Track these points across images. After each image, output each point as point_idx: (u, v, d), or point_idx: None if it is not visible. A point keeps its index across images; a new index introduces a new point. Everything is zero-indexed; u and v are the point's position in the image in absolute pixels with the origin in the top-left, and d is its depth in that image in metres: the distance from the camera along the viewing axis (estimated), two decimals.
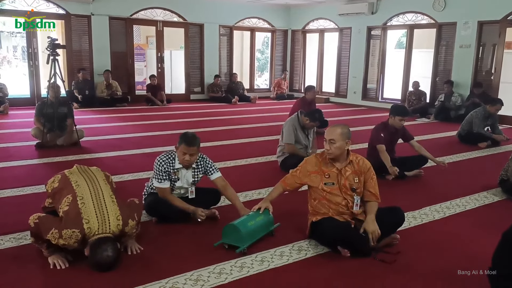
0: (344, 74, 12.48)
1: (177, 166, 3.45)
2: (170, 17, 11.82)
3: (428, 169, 5.19)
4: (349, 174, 3.14)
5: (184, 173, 3.51)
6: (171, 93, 12.36)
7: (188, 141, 3.34)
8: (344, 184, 3.13)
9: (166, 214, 3.48)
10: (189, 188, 3.57)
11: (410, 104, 10.14)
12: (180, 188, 3.56)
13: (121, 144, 6.41)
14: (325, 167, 3.17)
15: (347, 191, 3.13)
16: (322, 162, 3.18)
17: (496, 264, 2.51)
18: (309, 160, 3.25)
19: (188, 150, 3.34)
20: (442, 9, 9.88)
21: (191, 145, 3.34)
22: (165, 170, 3.42)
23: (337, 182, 3.13)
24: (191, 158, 3.38)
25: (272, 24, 13.62)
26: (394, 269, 2.85)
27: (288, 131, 5.06)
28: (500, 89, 9.06)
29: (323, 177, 3.15)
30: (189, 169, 3.52)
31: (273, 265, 2.86)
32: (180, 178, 3.49)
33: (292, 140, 5.04)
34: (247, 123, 8.74)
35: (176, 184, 3.51)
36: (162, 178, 3.42)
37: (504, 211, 3.99)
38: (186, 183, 3.54)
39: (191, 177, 3.55)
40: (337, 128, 3.18)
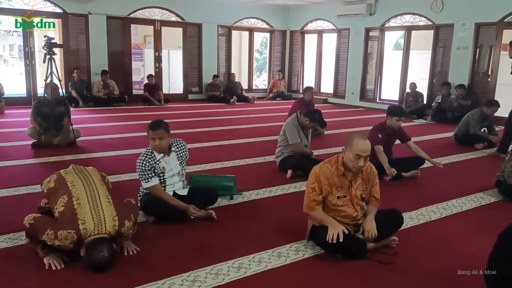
0: (342, 75, 12.49)
1: (158, 157, 3.48)
2: (168, 17, 11.81)
3: (425, 170, 5.20)
4: (359, 184, 3.09)
5: (168, 160, 3.52)
6: (169, 92, 12.34)
7: (152, 126, 3.41)
8: (355, 195, 3.08)
9: (162, 213, 3.47)
10: (180, 171, 3.60)
11: (407, 105, 10.16)
12: (172, 177, 3.56)
13: (118, 144, 6.40)
14: (337, 179, 3.02)
15: (359, 202, 3.11)
16: (334, 174, 3.02)
17: (492, 265, 2.51)
18: (322, 172, 3.01)
19: (155, 134, 3.39)
20: (440, 10, 9.90)
21: (156, 128, 3.39)
22: (149, 167, 3.42)
23: (349, 193, 3.08)
24: (161, 142, 3.41)
25: (271, 25, 13.62)
26: (391, 269, 2.85)
27: (291, 131, 5.05)
28: (497, 91, 9.08)
29: (335, 190, 3.03)
30: (171, 154, 3.54)
31: (270, 266, 2.85)
32: (165, 166, 3.50)
33: (297, 139, 5.04)
34: (245, 123, 8.74)
35: (166, 174, 3.51)
36: (149, 176, 3.43)
37: (500, 212, 4.00)
38: (175, 168, 3.55)
39: (177, 159, 3.57)
40: (367, 141, 2.95)
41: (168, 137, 3.49)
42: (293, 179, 4.82)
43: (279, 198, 4.27)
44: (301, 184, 4.68)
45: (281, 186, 4.58)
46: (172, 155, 3.57)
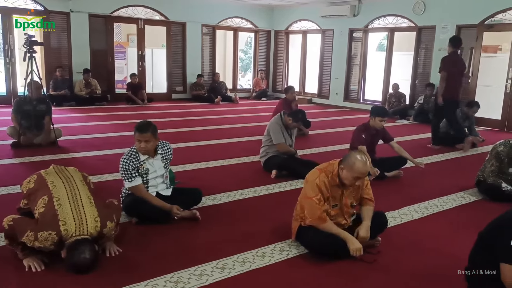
0: (326, 75, 12.55)
1: (143, 158, 3.45)
2: (151, 15, 11.70)
3: (408, 170, 5.26)
4: (350, 192, 3.09)
5: (152, 162, 3.50)
6: (152, 92, 12.22)
7: (140, 128, 3.36)
8: (346, 203, 3.09)
9: (145, 214, 3.44)
10: (164, 174, 3.58)
11: (390, 106, 10.27)
12: (155, 178, 3.53)
13: (100, 144, 6.32)
14: (332, 189, 3.00)
15: (348, 210, 3.12)
16: (329, 184, 2.97)
17: (472, 263, 2.55)
18: (322, 182, 2.94)
19: (142, 137, 3.35)
20: (422, 12, 10.02)
21: (143, 131, 3.34)
22: (132, 167, 3.39)
23: (340, 202, 3.08)
24: (147, 145, 3.37)
25: (255, 24, 13.62)
26: (375, 269, 2.87)
27: (275, 131, 5.04)
28: (477, 92, 9.23)
29: (330, 200, 3.02)
30: (156, 156, 3.52)
31: (254, 266, 2.85)
32: (149, 168, 3.48)
33: (281, 139, 5.03)
34: (229, 123, 8.72)
35: (149, 176, 3.48)
36: (132, 176, 3.40)
37: (480, 211, 4.06)
38: (159, 170, 3.53)
39: (161, 162, 3.55)
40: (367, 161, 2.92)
41: (155, 141, 3.44)
42: (278, 179, 4.83)
43: (263, 198, 4.27)
44: (285, 184, 4.68)
45: (265, 186, 4.58)
46: (157, 157, 3.54)
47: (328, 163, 3.08)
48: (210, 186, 4.43)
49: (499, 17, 8.86)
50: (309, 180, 3.03)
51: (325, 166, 3.07)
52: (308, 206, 2.98)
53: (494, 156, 4.37)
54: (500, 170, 4.35)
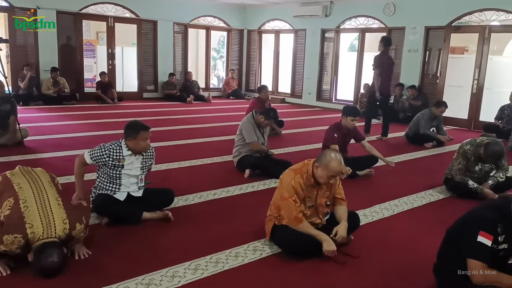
0: (299, 75, 12.64)
1: (126, 153, 3.43)
2: (122, 13, 11.50)
3: (378, 169, 5.34)
4: (324, 191, 3.11)
5: (133, 160, 3.47)
6: (123, 91, 12.00)
7: (146, 126, 3.44)
8: (320, 203, 3.11)
9: (116, 214, 3.38)
10: (140, 176, 3.53)
11: (361, 106, 10.41)
12: (128, 177, 3.48)
13: (69, 144, 6.16)
14: (307, 189, 3.01)
15: (323, 209, 3.14)
16: (305, 185, 2.99)
17: (441, 259, 2.61)
18: (297, 183, 2.95)
19: (147, 134, 3.42)
20: (392, 14, 10.21)
21: (148, 128, 3.43)
22: (107, 154, 3.38)
23: (315, 202, 3.10)
24: (149, 142, 3.47)
25: (228, 23, 13.57)
26: (346, 266, 2.90)
27: (248, 130, 5.03)
28: (445, 92, 9.48)
29: (306, 200, 3.04)
30: (138, 156, 3.49)
31: (228, 266, 2.83)
32: (126, 165, 3.44)
33: (254, 138, 5.02)
34: (202, 122, 8.66)
35: (123, 171, 3.44)
36: (95, 157, 3.40)
37: (448, 208, 4.17)
38: (135, 170, 3.49)
39: (140, 163, 3.52)
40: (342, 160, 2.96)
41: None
42: (251, 179, 4.82)
43: (237, 198, 4.25)
44: (259, 183, 4.68)
45: (238, 186, 4.56)
46: (138, 157, 3.51)
47: (302, 164, 3.09)
48: (182, 186, 4.38)
49: (465, 19, 9.12)
50: (284, 181, 3.03)
51: (299, 166, 3.07)
52: (285, 207, 2.99)
53: (461, 154, 4.48)
54: (467, 168, 4.47)
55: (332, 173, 2.93)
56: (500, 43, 10.26)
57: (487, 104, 8.96)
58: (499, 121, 8.11)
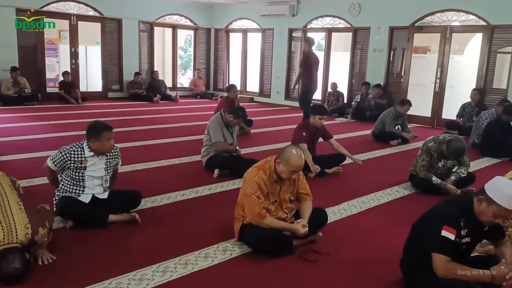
0: (267, 74, 12.66)
1: (88, 154, 3.36)
2: (85, 11, 11.19)
3: (346, 166, 5.42)
4: (287, 187, 3.13)
5: (95, 161, 3.39)
6: (87, 90, 11.70)
7: (109, 126, 3.39)
8: (284, 198, 3.12)
9: (81, 217, 3.28)
10: (104, 177, 3.46)
11: (329, 104, 10.56)
12: (92, 179, 3.39)
13: (31, 146, 5.95)
14: (270, 185, 3.03)
15: (287, 205, 3.15)
16: (268, 181, 3.00)
17: (407, 254, 2.67)
18: (261, 180, 2.97)
19: (111, 135, 3.37)
20: (357, 14, 10.38)
21: (111, 129, 3.38)
22: (67, 157, 3.30)
23: (279, 198, 3.11)
24: (112, 143, 3.40)
25: (195, 22, 13.45)
26: (316, 263, 2.93)
27: (215, 129, 4.99)
28: (409, 91, 9.72)
29: (269, 196, 3.05)
30: (101, 157, 3.43)
31: (197, 268, 2.80)
32: (89, 166, 3.36)
33: (220, 138, 4.99)
34: (169, 122, 8.54)
35: (86, 173, 3.36)
36: (58, 163, 3.34)
37: (413, 204, 4.27)
38: (99, 171, 3.42)
39: (104, 164, 3.45)
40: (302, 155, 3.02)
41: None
42: (220, 178, 4.79)
43: (206, 198, 4.22)
44: (228, 183, 4.66)
45: (207, 186, 4.53)
46: (102, 158, 3.43)
47: (265, 160, 3.11)
48: (150, 187, 4.31)
49: (428, 20, 9.38)
50: (247, 178, 3.04)
51: (262, 163, 3.09)
52: (247, 204, 2.99)
53: (425, 151, 4.61)
54: (430, 165, 4.59)
55: (293, 168, 2.96)
56: (461, 43, 10.62)
57: (449, 102, 9.25)
58: (461, 118, 8.40)
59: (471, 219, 2.39)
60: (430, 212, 2.53)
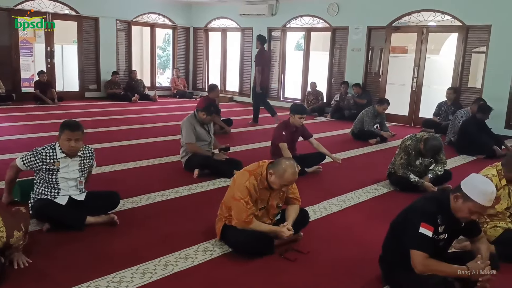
0: (247, 73, 12.65)
1: (60, 155, 3.28)
2: (61, 9, 10.97)
3: (326, 165, 5.45)
4: (277, 193, 3.10)
5: (68, 163, 3.32)
6: (63, 90, 11.47)
7: (72, 126, 3.27)
8: (272, 204, 3.11)
9: (57, 219, 3.22)
10: (78, 179, 3.39)
11: (308, 104, 10.61)
12: (66, 181, 3.33)
13: (6, 147, 5.80)
14: (260, 192, 2.99)
15: (274, 211, 3.14)
16: (258, 187, 2.97)
17: (386, 251, 2.70)
18: (251, 185, 2.93)
19: (73, 135, 3.23)
20: (336, 14, 10.46)
21: (75, 129, 3.26)
22: (40, 159, 3.23)
23: (267, 204, 3.09)
24: (76, 144, 3.25)
25: (173, 21, 13.34)
26: (297, 262, 2.93)
27: (186, 129, 4.96)
28: (387, 90, 9.85)
29: (258, 202, 3.03)
30: (74, 158, 3.35)
31: (177, 269, 2.77)
32: (61, 168, 3.29)
33: (192, 139, 4.95)
34: (148, 122, 8.45)
35: (59, 175, 3.30)
36: (27, 163, 3.27)
37: (392, 202, 4.32)
38: (72, 173, 3.35)
39: (78, 165, 3.38)
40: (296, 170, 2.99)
41: (82, 141, 3.32)
42: (200, 178, 4.76)
43: (186, 199, 4.18)
44: (208, 183, 4.63)
45: (187, 186, 4.49)
46: (75, 159, 3.36)
47: (257, 165, 3.07)
48: (128, 188, 4.25)
49: (405, 20, 9.52)
50: (237, 182, 3.00)
51: (254, 168, 3.05)
52: (235, 208, 2.96)
53: (403, 149, 4.67)
54: (408, 163, 4.66)
55: (286, 183, 2.96)
56: (437, 42, 10.83)
57: (426, 101, 9.41)
58: (437, 117, 8.55)
59: (448, 216, 2.43)
60: (408, 209, 2.56)
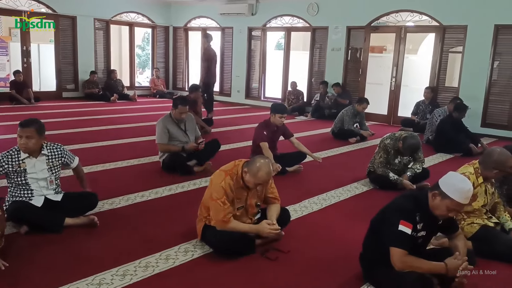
0: (227, 73, 12.62)
1: (23, 156, 3.24)
2: (37, 8, 10.75)
3: (307, 164, 5.47)
4: (254, 191, 3.09)
5: (33, 163, 3.27)
6: (40, 90, 11.27)
7: (22, 123, 3.24)
8: (250, 203, 3.10)
9: (34, 221, 3.15)
10: (48, 178, 3.33)
11: (289, 103, 10.65)
12: (37, 181, 3.28)
13: None
14: (237, 191, 2.98)
15: (253, 210, 3.13)
16: (234, 186, 2.95)
17: (366, 249, 2.73)
18: (227, 185, 2.92)
19: (23, 132, 3.19)
20: (316, 13, 10.52)
21: (25, 126, 3.21)
22: (6, 162, 3.19)
23: (245, 203, 3.08)
24: (27, 142, 3.19)
25: (153, 20, 13.21)
26: (278, 261, 2.94)
27: (158, 130, 4.92)
28: (366, 89, 9.96)
29: (236, 201, 3.01)
30: (40, 157, 3.30)
31: (158, 270, 2.75)
32: (28, 168, 3.25)
33: (163, 140, 4.91)
34: (128, 122, 8.35)
35: (28, 176, 3.24)
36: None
37: (371, 200, 4.37)
38: (41, 173, 3.29)
39: (45, 164, 3.32)
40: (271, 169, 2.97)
41: (39, 139, 3.23)
42: (181, 178, 4.72)
43: (166, 199, 4.14)
44: (189, 183, 4.60)
45: (168, 187, 4.45)
46: (40, 158, 3.29)
47: (233, 164, 3.05)
48: (108, 189, 4.19)
49: (383, 20, 9.63)
50: (214, 182, 2.99)
51: (230, 167, 3.04)
52: (213, 208, 2.95)
53: (382, 148, 4.73)
54: (387, 161, 4.72)
55: (260, 182, 2.95)
56: (415, 42, 11.00)
57: (404, 100, 9.55)
58: (415, 116, 8.69)
59: (426, 214, 2.47)
60: (388, 207, 2.60)
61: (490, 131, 8.33)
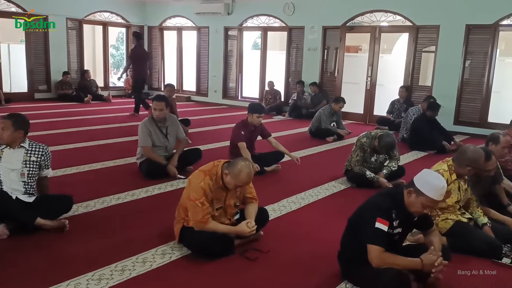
0: (204, 72, 12.54)
1: (3, 146, 3.28)
2: (6, 7, 10.44)
3: (285, 164, 5.48)
4: (233, 192, 3.07)
5: (10, 153, 3.27)
6: (11, 91, 10.94)
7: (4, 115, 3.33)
8: (229, 204, 3.08)
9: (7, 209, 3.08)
10: (20, 170, 3.28)
11: (266, 103, 10.65)
12: (8, 172, 3.24)
13: None
14: (216, 191, 2.96)
15: (232, 210, 3.11)
16: (213, 187, 2.93)
17: (344, 247, 2.74)
18: (206, 185, 2.89)
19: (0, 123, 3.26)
20: (292, 13, 10.55)
21: (4, 118, 3.28)
22: None
23: (224, 203, 3.06)
24: (2, 132, 3.23)
25: (127, 20, 13.01)
26: (258, 261, 2.93)
27: (140, 133, 4.76)
28: (343, 89, 10.05)
29: (215, 202, 2.99)
30: (18, 149, 3.30)
31: (135, 273, 2.70)
32: (3, 157, 3.26)
33: (147, 143, 4.75)
34: (102, 123, 8.20)
35: (1, 164, 3.24)
36: None
37: (349, 198, 4.41)
38: (15, 163, 3.26)
39: (22, 157, 3.29)
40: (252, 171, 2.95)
41: (14, 132, 3.24)
42: (158, 180, 4.65)
43: (143, 201, 4.08)
44: (166, 185, 4.55)
45: (144, 188, 4.39)
46: (19, 150, 3.29)
47: (212, 165, 3.03)
48: (83, 192, 4.10)
49: (358, 20, 9.73)
50: (192, 183, 2.96)
51: (209, 168, 3.01)
52: (191, 209, 2.92)
53: (359, 147, 4.78)
54: (364, 160, 4.77)
55: (240, 184, 2.93)
56: (389, 42, 11.15)
57: (380, 99, 9.67)
58: (390, 114, 8.82)
59: (402, 211, 2.51)
60: (364, 205, 2.62)
61: (463, 128, 8.53)
